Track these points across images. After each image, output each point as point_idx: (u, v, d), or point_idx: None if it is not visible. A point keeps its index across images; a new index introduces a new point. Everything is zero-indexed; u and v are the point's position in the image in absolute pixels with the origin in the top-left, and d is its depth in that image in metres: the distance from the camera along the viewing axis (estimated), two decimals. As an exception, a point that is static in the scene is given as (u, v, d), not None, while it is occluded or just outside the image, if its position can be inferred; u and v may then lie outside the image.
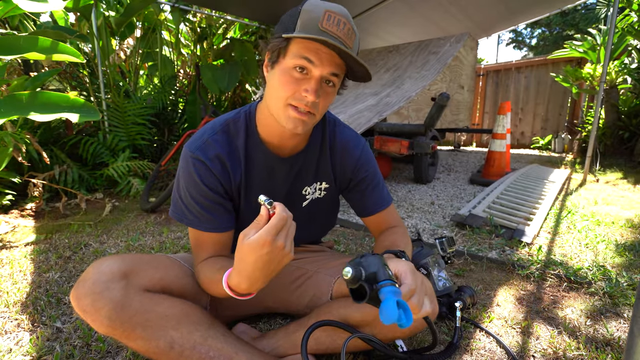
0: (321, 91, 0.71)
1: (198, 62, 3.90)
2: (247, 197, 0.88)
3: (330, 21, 0.67)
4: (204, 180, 0.79)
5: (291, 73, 0.70)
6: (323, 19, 0.67)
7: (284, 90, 0.70)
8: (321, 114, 0.76)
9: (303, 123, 0.73)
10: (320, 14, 0.67)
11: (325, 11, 0.67)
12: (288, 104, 0.71)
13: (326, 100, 0.73)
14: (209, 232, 0.82)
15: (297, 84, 0.70)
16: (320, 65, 0.68)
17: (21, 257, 1.54)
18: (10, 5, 1.64)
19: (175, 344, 0.71)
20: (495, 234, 1.84)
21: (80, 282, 0.69)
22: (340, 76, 0.73)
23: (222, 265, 0.74)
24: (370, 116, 2.80)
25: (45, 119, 1.45)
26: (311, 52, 0.68)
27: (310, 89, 0.69)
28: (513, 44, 15.54)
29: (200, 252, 0.83)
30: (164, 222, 2.08)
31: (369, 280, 0.57)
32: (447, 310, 1.08)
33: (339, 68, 0.71)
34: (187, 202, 0.81)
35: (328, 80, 0.72)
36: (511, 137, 6.40)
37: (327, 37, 0.66)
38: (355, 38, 0.72)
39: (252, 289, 0.65)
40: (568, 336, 1.02)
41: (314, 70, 0.69)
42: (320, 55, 0.68)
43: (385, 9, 4.55)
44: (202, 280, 0.79)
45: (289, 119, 0.72)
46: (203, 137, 0.82)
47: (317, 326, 0.73)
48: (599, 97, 3.14)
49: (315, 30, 0.66)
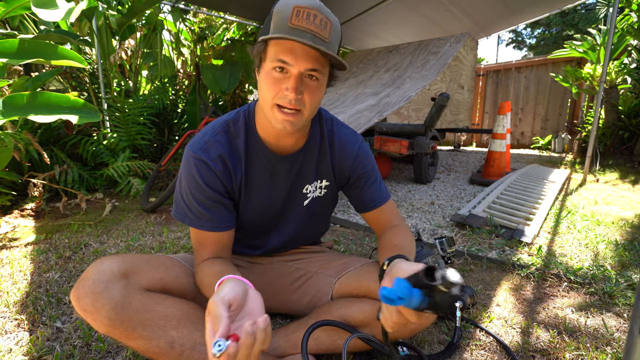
0: (303, 87, 0.71)
1: (198, 62, 3.90)
2: (248, 196, 0.88)
3: (299, 17, 0.67)
4: (206, 180, 0.80)
5: (272, 74, 0.71)
6: (292, 15, 0.67)
7: (268, 92, 0.72)
8: (310, 109, 0.75)
9: (291, 123, 0.73)
10: (289, 12, 0.67)
11: (294, 7, 0.67)
12: (275, 105, 0.73)
13: (312, 94, 0.73)
14: (210, 232, 0.82)
15: (279, 84, 0.71)
16: (296, 64, 0.69)
17: (21, 257, 1.55)
18: (11, 5, 1.64)
19: (175, 344, 0.71)
20: (495, 234, 1.84)
21: (81, 282, 0.69)
22: (323, 70, 0.73)
23: (220, 270, 0.74)
24: (370, 116, 2.80)
25: (46, 120, 1.46)
26: (285, 52, 0.68)
27: (290, 87, 0.70)
28: (513, 44, 15.55)
29: (201, 251, 0.83)
30: (164, 222, 2.08)
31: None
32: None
33: (318, 62, 0.71)
34: (188, 202, 0.82)
35: (310, 75, 0.72)
36: (511, 137, 6.41)
37: (297, 33, 0.67)
38: (332, 26, 0.71)
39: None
40: (568, 336, 1.02)
41: (291, 69, 0.70)
42: (295, 53, 0.68)
43: (385, 9, 4.55)
44: (199, 281, 0.80)
45: (277, 121, 0.74)
46: (205, 137, 0.83)
47: (317, 326, 0.73)
48: (599, 97, 3.14)
49: (285, 29, 0.67)
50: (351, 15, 4.72)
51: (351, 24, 4.93)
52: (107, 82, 3.14)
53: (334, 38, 0.72)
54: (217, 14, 4.45)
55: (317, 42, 0.68)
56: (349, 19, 4.80)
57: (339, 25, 0.74)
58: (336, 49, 0.74)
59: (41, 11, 1.53)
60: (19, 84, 2.02)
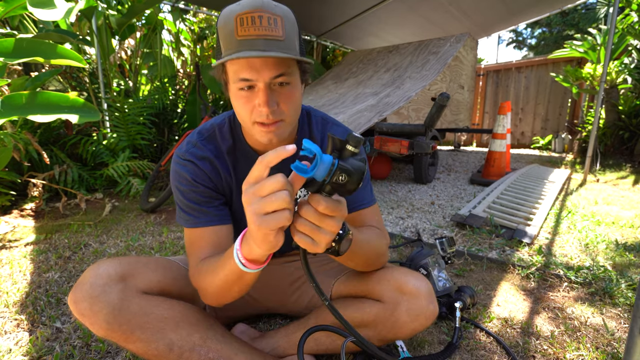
0: (275, 97, 0.67)
1: (198, 62, 3.90)
2: (239, 197, 0.87)
3: (244, 25, 0.62)
4: (195, 177, 0.79)
5: (240, 94, 0.68)
6: (237, 27, 0.62)
7: (243, 112, 0.69)
8: (292, 115, 0.72)
9: (275, 134, 0.70)
10: (233, 24, 0.62)
11: (236, 17, 0.62)
12: (254, 122, 0.70)
13: (289, 100, 0.69)
14: (205, 227, 0.78)
15: (250, 102, 0.67)
16: (259, 77, 0.64)
17: (21, 257, 1.54)
18: (11, 5, 1.64)
19: (174, 346, 0.71)
20: (496, 234, 1.84)
21: (78, 286, 0.69)
22: (290, 70, 0.67)
23: (225, 253, 0.67)
24: (370, 116, 2.80)
25: (45, 119, 1.45)
26: (244, 69, 0.64)
27: (261, 102, 0.66)
28: (513, 44, 15.54)
29: (196, 251, 0.78)
30: (164, 222, 2.08)
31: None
32: (447, 310, 1.08)
33: (282, 65, 0.65)
34: (181, 203, 0.80)
35: (280, 83, 0.67)
36: (511, 137, 6.40)
37: (247, 45, 0.62)
38: (283, 18, 0.65)
39: (265, 251, 0.56)
40: (568, 336, 1.02)
41: (257, 83, 0.66)
42: (254, 66, 0.64)
43: (385, 9, 4.55)
44: (203, 275, 0.72)
45: (261, 135, 0.71)
46: (191, 141, 0.82)
47: (312, 331, 0.72)
48: (599, 97, 3.14)
49: (234, 44, 0.63)
50: (351, 15, 4.72)
51: (351, 24, 4.93)
52: (106, 82, 3.14)
53: (289, 30, 0.66)
54: (217, 13, 4.44)
55: (271, 46, 0.63)
56: (349, 18, 4.79)
57: (290, 14, 0.67)
58: (295, 39, 0.68)
59: (38, 10, 1.52)
60: (18, 84, 2.02)
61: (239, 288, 0.66)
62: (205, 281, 0.70)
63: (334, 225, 0.52)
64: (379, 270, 0.84)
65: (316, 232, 0.52)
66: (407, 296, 0.78)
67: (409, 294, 0.78)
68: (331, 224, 0.52)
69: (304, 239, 0.52)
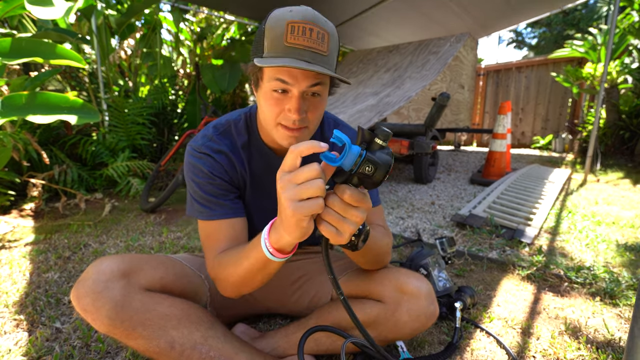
0: (306, 105, 0.69)
1: (198, 62, 3.90)
2: (253, 195, 0.88)
3: (295, 33, 0.63)
4: (212, 170, 0.80)
5: (272, 95, 0.69)
6: (287, 33, 0.63)
7: (270, 112, 0.70)
8: (315, 124, 0.74)
9: (297, 139, 0.71)
10: (284, 29, 0.64)
11: (288, 23, 0.63)
12: (278, 124, 0.71)
13: (316, 111, 0.71)
14: (222, 219, 0.79)
15: (280, 105, 0.68)
16: (297, 83, 0.66)
17: (20, 257, 1.54)
18: (10, 5, 1.64)
19: (175, 344, 0.71)
20: (496, 234, 1.84)
21: (80, 282, 0.69)
22: (324, 81, 0.70)
23: (248, 244, 0.69)
24: (370, 116, 2.80)
25: (44, 120, 1.45)
26: (284, 73, 0.65)
27: (293, 108, 0.67)
28: (513, 44, 15.54)
29: (213, 244, 0.78)
30: (164, 222, 2.07)
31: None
32: (447, 310, 1.07)
33: (319, 79, 0.67)
34: (197, 195, 0.80)
35: (312, 93, 0.69)
36: (512, 137, 6.38)
37: (294, 53, 0.64)
38: (330, 36, 0.67)
39: (295, 239, 0.57)
40: (569, 336, 1.02)
41: (292, 89, 0.67)
42: (294, 73, 0.65)
43: (385, 9, 4.54)
44: (224, 266, 0.72)
45: (282, 138, 0.72)
46: (207, 135, 0.83)
47: (312, 332, 0.72)
48: (600, 97, 3.13)
49: (281, 49, 0.64)
50: (352, 14, 4.72)
51: (352, 23, 4.92)
52: (106, 82, 3.14)
53: (332, 48, 0.68)
54: (217, 13, 4.44)
55: (316, 59, 0.65)
56: (349, 17, 4.79)
57: (335, 32, 0.70)
58: (335, 57, 0.71)
59: (36, 9, 1.51)
60: (17, 84, 2.02)
61: (261, 277, 0.68)
62: (226, 272, 0.72)
63: (358, 216, 0.53)
64: (380, 271, 0.85)
65: (341, 222, 0.53)
66: (407, 296, 0.78)
67: (410, 294, 0.78)
68: (355, 214, 0.53)
69: (329, 229, 0.54)
